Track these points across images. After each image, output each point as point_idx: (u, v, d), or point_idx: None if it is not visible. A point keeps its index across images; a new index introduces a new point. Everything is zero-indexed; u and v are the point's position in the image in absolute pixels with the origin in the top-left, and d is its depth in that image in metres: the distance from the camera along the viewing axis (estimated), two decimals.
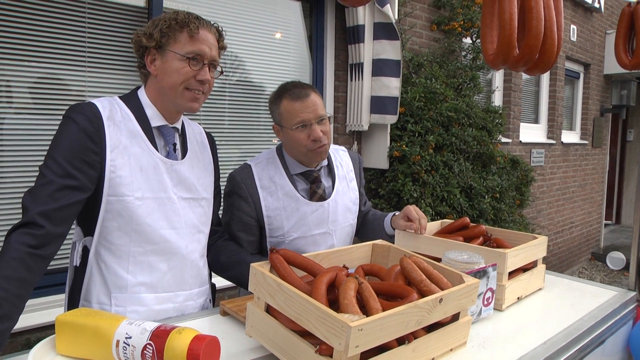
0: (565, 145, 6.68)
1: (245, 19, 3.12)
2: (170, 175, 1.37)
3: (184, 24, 1.32)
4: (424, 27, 4.23)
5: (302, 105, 1.59)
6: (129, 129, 1.32)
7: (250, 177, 1.68)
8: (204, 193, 1.47)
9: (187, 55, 1.32)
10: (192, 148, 1.48)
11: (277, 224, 1.67)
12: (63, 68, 2.40)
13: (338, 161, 1.83)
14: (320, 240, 1.72)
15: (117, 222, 1.29)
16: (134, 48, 1.38)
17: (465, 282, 1.14)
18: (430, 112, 3.57)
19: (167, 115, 1.40)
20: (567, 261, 6.99)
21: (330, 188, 1.76)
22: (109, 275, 1.32)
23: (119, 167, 1.28)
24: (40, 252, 1.14)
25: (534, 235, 1.67)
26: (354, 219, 1.84)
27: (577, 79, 7.19)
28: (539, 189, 6.07)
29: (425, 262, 1.20)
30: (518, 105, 5.61)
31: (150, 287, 1.35)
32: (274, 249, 1.15)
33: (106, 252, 1.32)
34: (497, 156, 3.95)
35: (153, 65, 1.35)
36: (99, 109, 1.28)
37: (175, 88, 1.34)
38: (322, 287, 1.02)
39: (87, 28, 2.46)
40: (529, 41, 1.58)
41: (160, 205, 1.34)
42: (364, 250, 1.40)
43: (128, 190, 1.28)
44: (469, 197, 3.63)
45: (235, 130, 3.14)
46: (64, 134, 1.25)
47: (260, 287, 1.09)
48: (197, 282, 1.47)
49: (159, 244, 1.34)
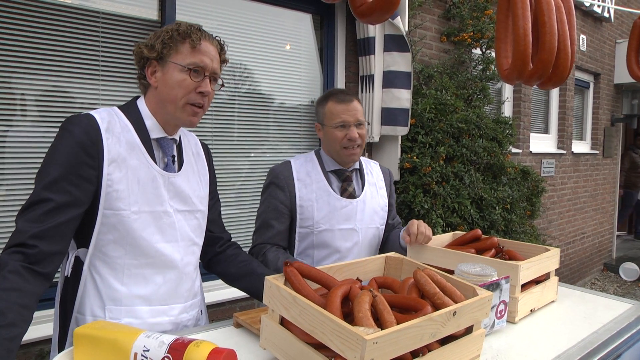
0: (575, 155, 6.63)
1: (256, 31, 3.16)
2: (167, 188, 1.36)
3: (186, 35, 1.32)
4: (433, 38, 4.25)
5: (345, 108, 1.80)
6: (128, 141, 1.30)
7: (288, 170, 1.85)
8: (199, 205, 1.47)
9: (189, 66, 1.31)
10: (188, 160, 1.48)
11: (307, 214, 1.80)
12: (77, 80, 2.44)
13: (369, 169, 1.99)
14: (347, 235, 1.83)
15: (113, 235, 1.28)
16: (135, 59, 1.37)
17: (479, 294, 1.14)
18: (440, 123, 3.58)
19: (166, 127, 1.39)
20: (579, 272, 6.91)
21: (360, 190, 1.90)
22: (104, 287, 1.31)
23: (116, 181, 1.26)
24: (35, 268, 1.11)
25: (547, 247, 1.67)
26: (381, 224, 1.94)
27: (587, 88, 7.16)
28: (550, 200, 6.03)
29: (439, 274, 1.21)
30: (528, 115, 5.59)
31: (145, 300, 1.34)
32: (287, 262, 1.16)
33: (101, 264, 1.30)
34: (507, 167, 3.94)
35: (154, 77, 1.34)
36: (97, 121, 1.26)
37: (176, 101, 1.33)
38: (336, 300, 1.03)
39: (101, 40, 2.51)
40: (543, 56, 1.59)
41: (156, 219, 1.33)
42: (377, 262, 1.41)
43: (124, 204, 1.27)
44: (479, 208, 3.61)
45: (244, 141, 3.17)
46: (60, 146, 1.22)
47: (274, 299, 1.10)
48: (190, 294, 1.46)
49: (155, 257, 1.34)
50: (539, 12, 1.64)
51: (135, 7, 2.63)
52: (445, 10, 4.32)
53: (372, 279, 1.29)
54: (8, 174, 2.28)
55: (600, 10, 6.65)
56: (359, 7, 1.59)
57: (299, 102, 3.44)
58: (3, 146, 2.27)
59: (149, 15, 2.68)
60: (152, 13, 2.70)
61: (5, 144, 2.27)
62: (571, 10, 1.74)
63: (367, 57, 3.41)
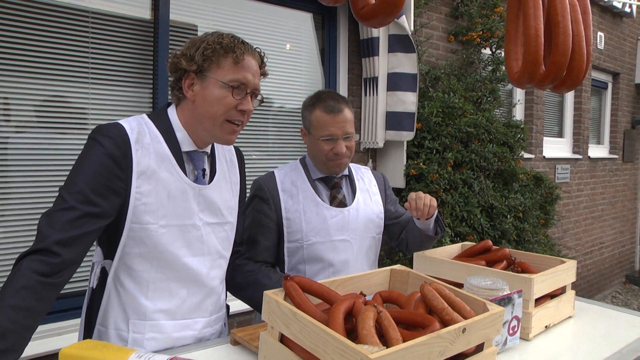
0: (592, 160, 6.64)
1: (254, 31, 3.19)
2: (197, 201, 1.38)
3: (229, 49, 1.32)
4: (440, 38, 4.28)
5: (332, 120, 1.75)
6: (158, 152, 1.32)
7: (272, 181, 1.83)
8: (229, 217, 1.49)
9: (231, 83, 1.31)
10: (221, 169, 1.50)
11: (295, 227, 1.77)
12: (65, 83, 2.46)
13: (359, 175, 1.96)
14: (340, 247, 1.80)
15: (139, 249, 1.31)
16: (169, 68, 1.37)
17: (490, 310, 1.15)
18: (448, 127, 3.59)
19: (197, 141, 1.40)
20: (598, 285, 6.89)
21: (351, 198, 1.87)
22: (128, 300, 1.34)
23: (145, 194, 1.28)
24: (52, 280, 1.14)
25: (562, 259, 1.67)
26: (378, 233, 1.92)
27: (604, 89, 7.17)
28: (565, 208, 6.03)
29: (447, 288, 1.21)
30: (541, 118, 5.61)
31: (169, 314, 1.37)
32: (288, 275, 1.17)
33: (126, 277, 1.34)
34: (519, 173, 3.95)
35: (191, 90, 1.34)
36: (126, 132, 1.28)
37: (215, 119, 1.33)
38: (339, 316, 1.04)
39: (90, 41, 2.53)
40: (556, 58, 1.58)
41: (185, 232, 1.36)
42: (382, 276, 1.41)
43: (153, 218, 1.29)
44: (490, 217, 3.62)
45: (241, 146, 3.18)
46: (89, 157, 1.25)
47: (274, 315, 1.11)
48: (216, 308, 1.49)
49: (181, 271, 1.37)
50: (552, 12, 1.63)
51: (126, 5, 2.65)
52: (452, 8, 4.35)
53: (376, 294, 1.29)
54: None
55: (621, 5, 6.63)
56: (361, 10, 1.60)
57: (299, 105, 3.45)
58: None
59: (141, 15, 2.71)
60: (145, 12, 2.72)
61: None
62: (587, 8, 1.72)
63: (370, 59, 3.43)
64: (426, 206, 1.74)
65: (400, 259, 3.43)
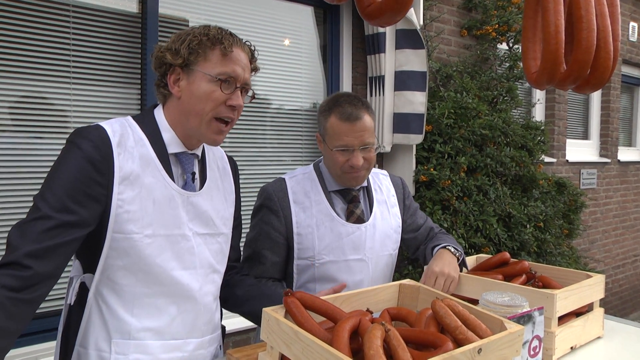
0: (622, 164, 6.62)
1: (249, 26, 3.21)
2: (186, 209, 1.39)
3: (216, 40, 1.34)
4: (452, 32, 4.30)
5: (349, 129, 1.69)
6: (142, 156, 1.33)
7: (283, 190, 1.78)
8: (222, 228, 1.50)
9: (219, 76, 1.34)
10: (212, 176, 1.51)
11: (307, 244, 1.74)
12: (44, 82, 2.47)
13: (377, 184, 1.92)
14: (355, 267, 1.78)
15: (123, 261, 1.31)
16: (153, 64, 1.40)
17: (508, 328, 1.15)
18: (461, 130, 3.60)
19: (186, 141, 1.42)
20: (632, 302, 6.85)
21: (368, 212, 1.84)
22: (111, 318, 1.34)
23: (127, 201, 1.29)
24: (24, 295, 1.12)
25: (588, 272, 1.67)
26: (394, 249, 1.90)
27: (637, 85, 7.14)
28: (592, 216, 6.02)
29: (461, 305, 1.22)
30: (563, 119, 5.62)
31: (156, 333, 1.37)
32: (289, 291, 1.18)
33: (109, 292, 1.34)
34: (539, 179, 3.96)
35: (177, 86, 1.37)
36: (108, 134, 1.29)
37: (202, 115, 1.35)
38: (344, 335, 1.05)
39: (71, 36, 2.54)
40: (579, 56, 1.56)
41: (173, 243, 1.36)
42: (390, 291, 1.42)
43: (137, 227, 1.30)
44: (507, 227, 3.63)
45: (235, 151, 3.20)
46: (66, 162, 1.25)
47: (274, 335, 1.12)
48: (209, 328, 1.49)
49: (169, 285, 1.37)
50: (574, 5, 1.62)
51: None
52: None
53: (384, 311, 1.30)
54: None
55: None
56: (367, 8, 1.60)
57: (298, 107, 3.48)
58: None
59: (127, 8, 2.73)
60: (132, 5, 2.74)
61: None
62: (614, 0, 1.71)
63: (376, 56, 3.45)
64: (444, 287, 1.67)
65: (409, 272, 3.44)
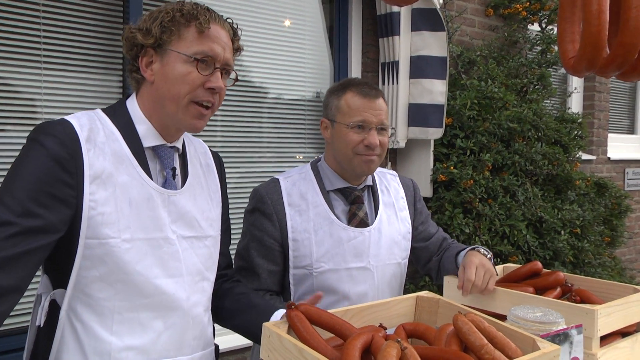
0: None
1: (246, 7, 3.21)
2: (168, 209, 1.39)
3: (191, 16, 1.35)
4: (476, 12, 4.30)
5: (368, 105, 1.77)
6: (115, 152, 1.33)
7: (277, 192, 1.80)
8: (209, 230, 1.51)
9: (195, 56, 1.34)
10: (195, 172, 1.51)
11: (304, 251, 1.76)
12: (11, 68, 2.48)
13: (384, 185, 1.94)
14: (358, 276, 1.79)
15: (99, 271, 1.31)
16: (124, 47, 1.41)
17: (541, 348, 1.15)
18: (485, 123, 3.60)
19: (164, 132, 1.43)
20: None
21: (372, 215, 1.85)
22: (87, 338, 1.33)
23: (100, 202, 1.29)
24: None
25: (636, 287, 1.66)
26: (404, 258, 1.91)
27: None
28: (638, 222, 6.00)
29: (486, 321, 1.22)
30: (605, 110, 5.60)
31: (141, 352, 1.36)
32: (292, 304, 1.19)
33: (84, 308, 1.33)
34: (576, 179, 3.95)
35: (149, 69, 1.38)
36: (75, 129, 1.29)
37: (179, 100, 1.36)
38: (354, 354, 1.05)
39: (42, 19, 2.54)
40: (625, 39, 1.54)
41: (155, 248, 1.36)
42: (406, 304, 1.43)
43: (113, 230, 1.30)
44: (538, 234, 3.62)
45: (231, 146, 3.22)
46: (28, 161, 1.24)
47: (275, 353, 1.12)
48: (200, 343, 1.49)
49: (153, 297, 1.36)
50: None
51: None
52: None
53: (399, 326, 1.31)
54: None
55: None
56: None
57: (300, 96, 3.48)
58: None
59: None
60: None
61: None
62: None
63: (389, 39, 3.45)
64: (476, 287, 1.66)
65: (426, 284, 3.44)
